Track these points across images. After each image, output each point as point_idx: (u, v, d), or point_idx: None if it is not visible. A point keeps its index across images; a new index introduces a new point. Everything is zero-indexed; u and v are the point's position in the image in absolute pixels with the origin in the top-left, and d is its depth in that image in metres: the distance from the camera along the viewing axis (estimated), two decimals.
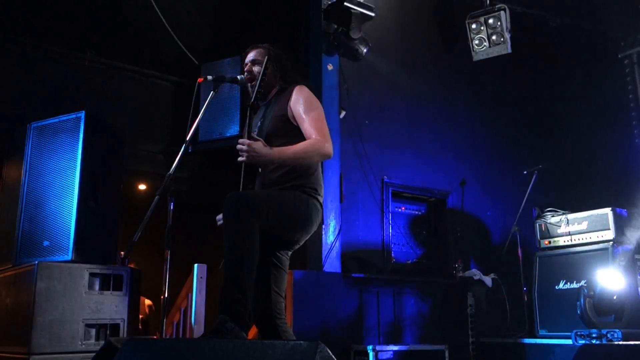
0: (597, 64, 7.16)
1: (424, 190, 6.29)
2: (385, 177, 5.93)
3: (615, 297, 4.88)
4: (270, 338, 2.70)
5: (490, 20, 5.96)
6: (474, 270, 5.85)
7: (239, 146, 2.55)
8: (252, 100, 2.66)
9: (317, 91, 4.22)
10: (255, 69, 2.88)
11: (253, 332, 4.33)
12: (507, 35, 5.93)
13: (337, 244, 5.20)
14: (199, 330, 4.46)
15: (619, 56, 7.19)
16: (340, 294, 5.02)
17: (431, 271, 6.06)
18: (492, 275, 5.77)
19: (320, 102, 2.87)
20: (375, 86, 6.09)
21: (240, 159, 2.56)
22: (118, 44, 5.81)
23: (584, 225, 5.52)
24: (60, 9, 5.46)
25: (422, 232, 6.36)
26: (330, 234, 5.16)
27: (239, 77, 2.83)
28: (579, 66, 7.12)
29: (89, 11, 5.60)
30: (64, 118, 4.13)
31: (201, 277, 4.46)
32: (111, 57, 5.81)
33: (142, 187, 7.31)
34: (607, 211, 5.38)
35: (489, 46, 6.03)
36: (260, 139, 2.61)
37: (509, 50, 5.98)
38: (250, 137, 2.56)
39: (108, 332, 3.75)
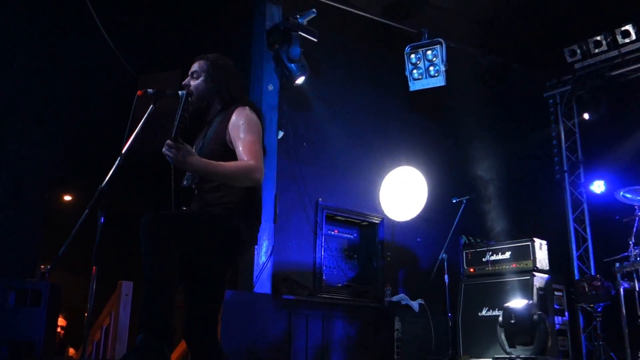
0: (523, 102, 7.55)
1: (357, 214, 6.38)
2: (320, 199, 5.97)
3: (531, 325, 5.09)
4: (200, 356, 2.63)
5: (429, 53, 6.18)
6: (402, 294, 5.96)
7: (165, 147, 2.44)
8: (173, 135, 2.50)
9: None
10: (192, 83, 2.83)
11: (182, 347, 4.22)
12: (443, 69, 6.16)
13: (269, 264, 5.16)
14: (121, 349, 4.28)
15: (544, 96, 7.62)
16: (270, 315, 4.97)
17: (360, 295, 6.11)
18: (419, 300, 5.90)
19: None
20: (314, 109, 6.15)
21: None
22: (51, 47, 5.58)
23: (507, 255, 5.78)
24: None
25: (353, 256, 6.42)
26: (262, 254, 5.12)
27: (180, 92, 2.77)
28: (507, 103, 7.48)
29: (20, 12, 5.36)
30: None
31: (126, 295, 4.30)
32: (43, 60, 5.58)
33: (67, 197, 7.00)
34: (529, 242, 5.68)
35: (426, 78, 6.24)
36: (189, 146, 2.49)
37: (444, 83, 6.21)
38: (176, 141, 2.45)
39: (22, 351, 3.53)
